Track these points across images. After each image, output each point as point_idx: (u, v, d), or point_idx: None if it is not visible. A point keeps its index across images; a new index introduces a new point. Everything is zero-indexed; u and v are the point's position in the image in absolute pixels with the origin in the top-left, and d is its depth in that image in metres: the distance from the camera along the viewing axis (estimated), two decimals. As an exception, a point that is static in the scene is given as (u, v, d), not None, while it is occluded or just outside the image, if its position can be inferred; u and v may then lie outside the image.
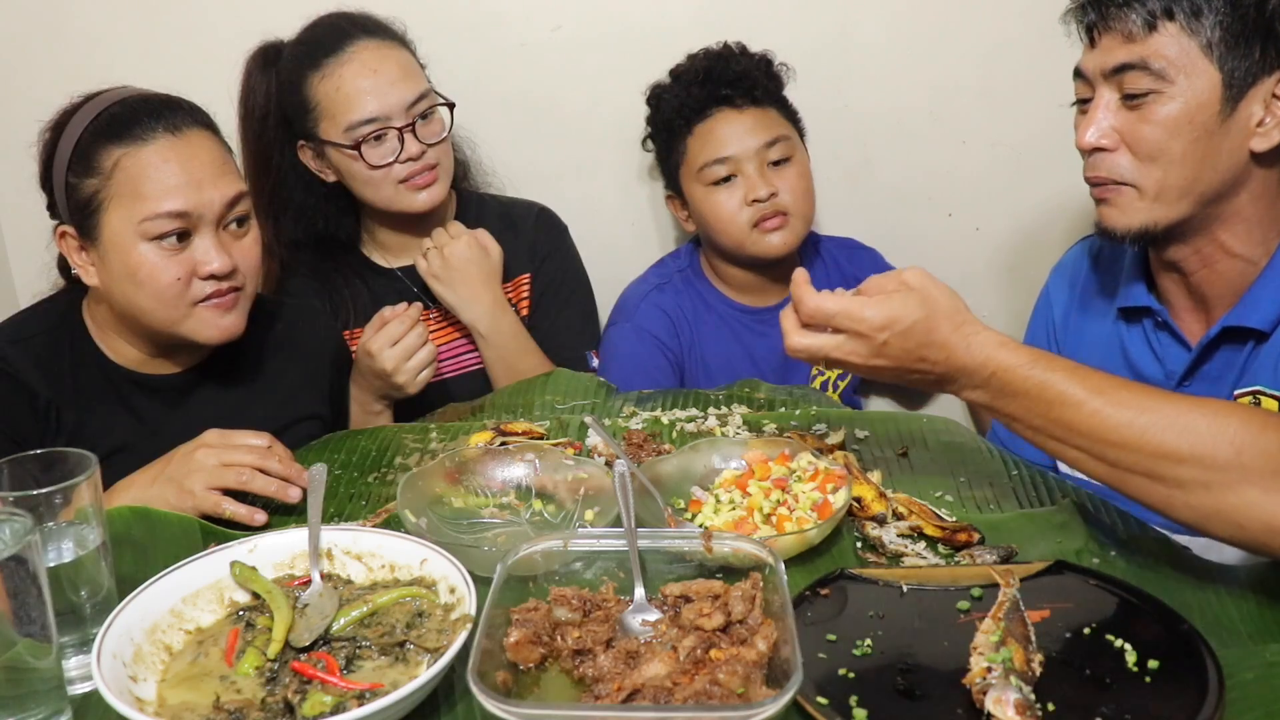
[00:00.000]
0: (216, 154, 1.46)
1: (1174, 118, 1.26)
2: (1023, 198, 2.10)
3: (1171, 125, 1.26)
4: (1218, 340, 1.35)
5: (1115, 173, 1.31)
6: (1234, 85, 1.24)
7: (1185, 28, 1.24)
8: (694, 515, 1.24)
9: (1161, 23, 1.25)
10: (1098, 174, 1.33)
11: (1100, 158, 1.32)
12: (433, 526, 1.21)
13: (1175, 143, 1.27)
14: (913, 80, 2.05)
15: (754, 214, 1.84)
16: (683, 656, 0.96)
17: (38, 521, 0.95)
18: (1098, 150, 1.32)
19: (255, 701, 0.95)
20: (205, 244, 1.43)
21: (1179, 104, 1.26)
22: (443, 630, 1.01)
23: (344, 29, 1.77)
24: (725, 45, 1.91)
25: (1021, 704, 0.88)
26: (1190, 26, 1.24)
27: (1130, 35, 1.26)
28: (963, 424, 1.53)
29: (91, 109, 1.43)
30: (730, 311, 1.98)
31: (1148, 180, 1.29)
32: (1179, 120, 1.26)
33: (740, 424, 1.51)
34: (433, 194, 1.81)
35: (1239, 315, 1.32)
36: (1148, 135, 1.28)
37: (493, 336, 1.85)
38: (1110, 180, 1.32)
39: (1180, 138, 1.26)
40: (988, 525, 1.22)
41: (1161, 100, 1.26)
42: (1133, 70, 1.27)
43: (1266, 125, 1.26)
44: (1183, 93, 1.25)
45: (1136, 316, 1.47)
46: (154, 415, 1.53)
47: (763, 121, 1.86)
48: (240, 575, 1.09)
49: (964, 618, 1.04)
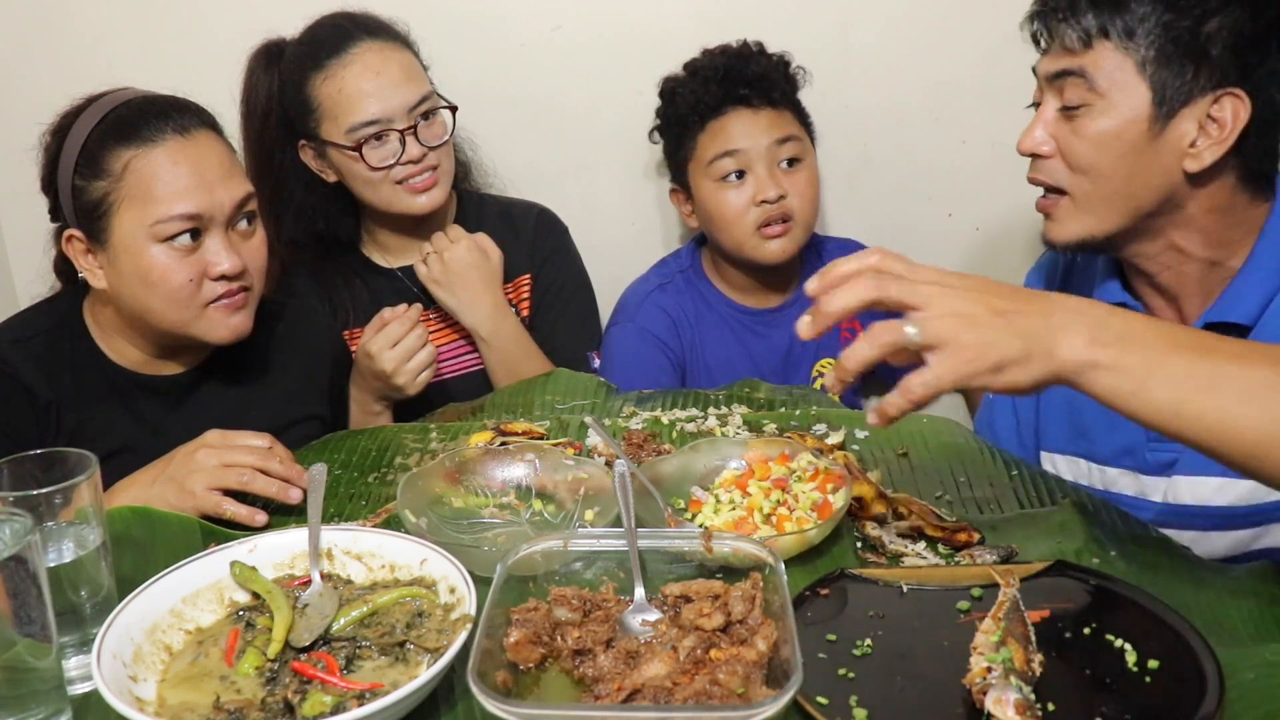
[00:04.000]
0: (224, 155, 1.47)
1: (1104, 132, 1.29)
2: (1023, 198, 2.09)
3: (1100, 139, 1.29)
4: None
5: (1052, 177, 1.35)
6: (1165, 104, 1.26)
7: (1120, 46, 1.27)
8: (694, 515, 1.24)
9: (1097, 40, 1.28)
10: (1037, 177, 1.37)
11: (1039, 162, 1.36)
12: (433, 526, 1.21)
13: (1103, 156, 1.30)
14: (913, 80, 2.05)
15: (760, 215, 1.84)
16: (683, 656, 0.96)
17: (38, 521, 0.95)
18: (1037, 156, 1.36)
19: (255, 701, 0.95)
20: (216, 244, 1.44)
21: (1109, 119, 1.28)
22: (443, 630, 1.01)
23: (347, 30, 1.77)
24: (745, 43, 1.90)
25: (1021, 704, 0.88)
26: (1124, 45, 1.26)
27: (1069, 49, 1.30)
28: (963, 424, 1.52)
29: (96, 111, 1.43)
30: (731, 312, 1.98)
31: (1079, 190, 1.33)
32: (1107, 135, 1.29)
33: (740, 424, 1.51)
34: (433, 197, 1.81)
35: (1221, 311, 1.32)
36: (1078, 148, 1.31)
37: (494, 340, 1.85)
38: (1047, 184, 1.36)
39: (1108, 152, 1.29)
40: (988, 525, 1.22)
41: (1093, 114, 1.29)
42: (1070, 77, 1.30)
43: (1199, 146, 1.27)
44: (1114, 107, 1.28)
45: None
46: (154, 416, 1.53)
47: (777, 122, 1.86)
48: (240, 575, 1.09)
49: (964, 618, 1.04)
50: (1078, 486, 1.36)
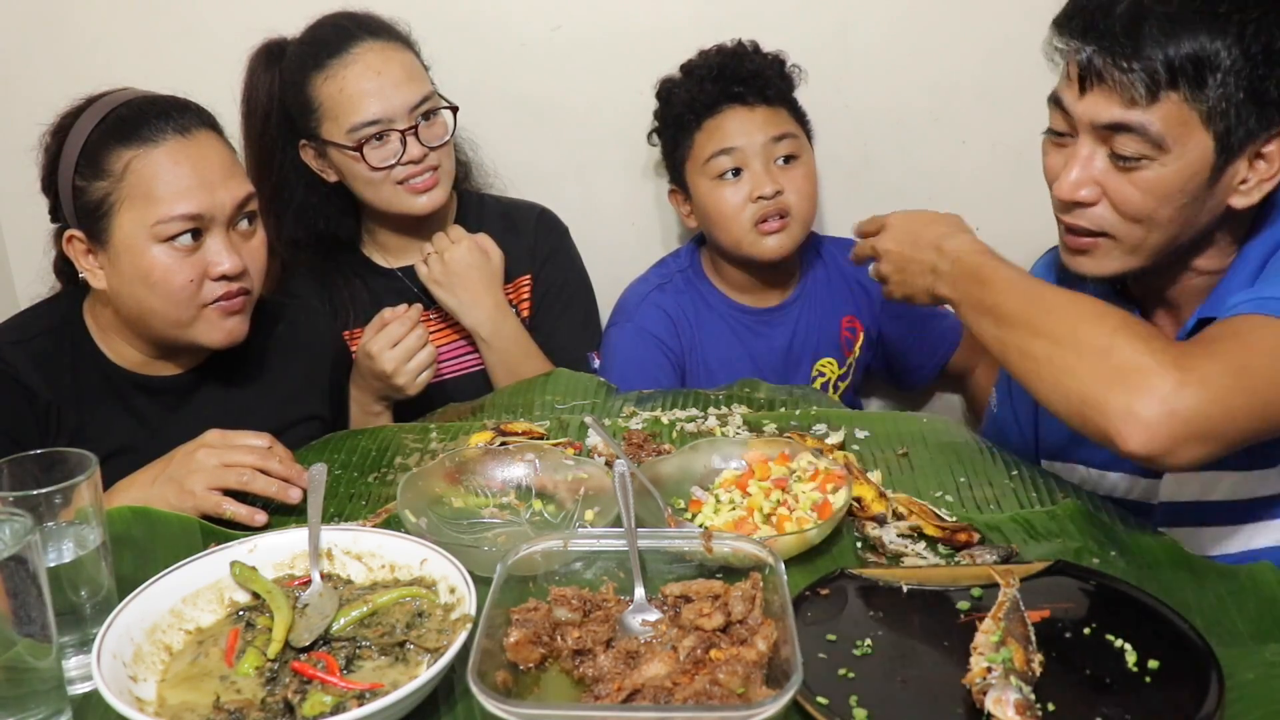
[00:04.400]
0: (225, 155, 1.47)
1: (1165, 185, 1.21)
2: (1023, 198, 2.08)
3: (1162, 193, 1.21)
4: (1193, 333, 1.35)
5: (1095, 223, 1.27)
6: (1225, 152, 1.20)
7: (1188, 97, 1.17)
8: (694, 515, 1.24)
9: (1165, 92, 1.17)
10: (1076, 223, 1.28)
11: (1081, 210, 1.27)
12: (433, 526, 1.21)
13: (1164, 208, 1.22)
14: (913, 80, 2.05)
15: (757, 212, 1.84)
16: (683, 656, 0.96)
17: (38, 521, 0.95)
18: (1077, 203, 1.27)
19: (255, 701, 0.95)
20: (216, 245, 1.44)
21: (1171, 171, 1.20)
22: (443, 630, 1.01)
23: (348, 29, 1.77)
24: (739, 43, 1.90)
25: (1021, 704, 0.88)
26: (1193, 96, 1.17)
27: (1130, 100, 1.19)
28: (963, 424, 1.53)
29: (97, 111, 1.43)
30: (731, 311, 1.98)
31: (1129, 236, 1.26)
32: (1170, 188, 1.21)
33: (740, 424, 1.51)
34: (433, 197, 1.80)
35: (1212, 307, 1.31)
36: (1134, 199, 1.23)
37: (495, 341, 1.85)
38: (1090, 232, 1.28)
39: (1169, 204, 1.22)
40: (988, 525, 1.22)
41: (1152, 167, 1.20)
42: (1128, 133, 1.20)
43: (1249, 183, 1.23)
44: (1176, 160, 1.19)
45: None
46: (154, 416, 1.53)
47: (772, 119, 1.85)
48: (240, 575, 1.09)
49: (964, 618, 1.04)
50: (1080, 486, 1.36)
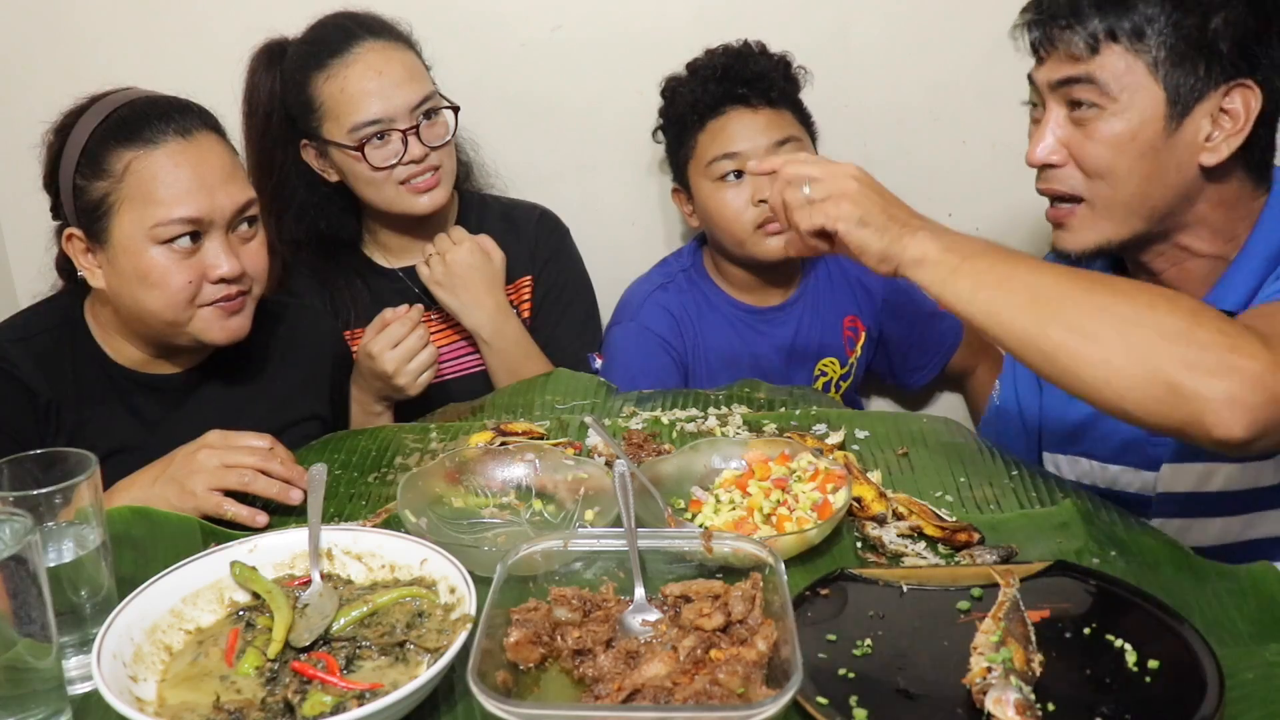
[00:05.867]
0: (226, 159, 1.47)
1: (1118, 134, 1.27)
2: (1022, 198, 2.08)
3: (1116, 142, 1.27)
4: None
5: (1066, 185, 1.32)
6: (1179, 102, 1.25)
7: (1129, 48, 1.24)
8: (694, 515, 1.24)
9: (1105, 44, 1.25)
10: (1050, 187, 1.34)
11: (1051, 172, 1.33)
12: (433, 526, 1.21)
13: (1122, 158, 1.27)
14: (912, 80, 2.05)
15: (759, 214, 1.83)
16: (683, 656, 0.96)
17: (38, 521, 0.95)
18: (1048, 166, 1.33)
19: (255, 701, 0.95)
20: (215, 248, 1.43)
21: (1123, 121, 1.26)
22: (443, 630, 1.01)
23: (350, 29, 1.77)
24: (745, 43, 1.90)
25: (1021, 704, 0.88)
26: (1134, 47, 1.24)
27: (1075, 56, 1.27)
28: (963, 424, 1.52)
29: (99, 110, 1.43)
30: (733, 311, 1.98)
31: (1097, 195, 1.30)
32: (1124, 137, 1.26)
33: (740, 424, 1.51)
34: (434, 197, 1.80)
35: (1215, 299, 1.32)
36: (1094, 152, 1.28)
37: (496, 342, 1.85)
38: (1063, 194, 1.33)
39: (1126, 154, 1.27)
40: (988, 525, 1.22)
41: (1105, 117, 1.27)
42: (1078, 84, 1.27)
43: (1214, 139, 1.26)
44: (1128, 109, 1.26)
45: None
46: (155, 415, 1.53)
47: (776, 122, 1.85)
48: (240, 575, 1.09)
49: (964, 618, 1.04)
50: (1079, 486, 1.36)
